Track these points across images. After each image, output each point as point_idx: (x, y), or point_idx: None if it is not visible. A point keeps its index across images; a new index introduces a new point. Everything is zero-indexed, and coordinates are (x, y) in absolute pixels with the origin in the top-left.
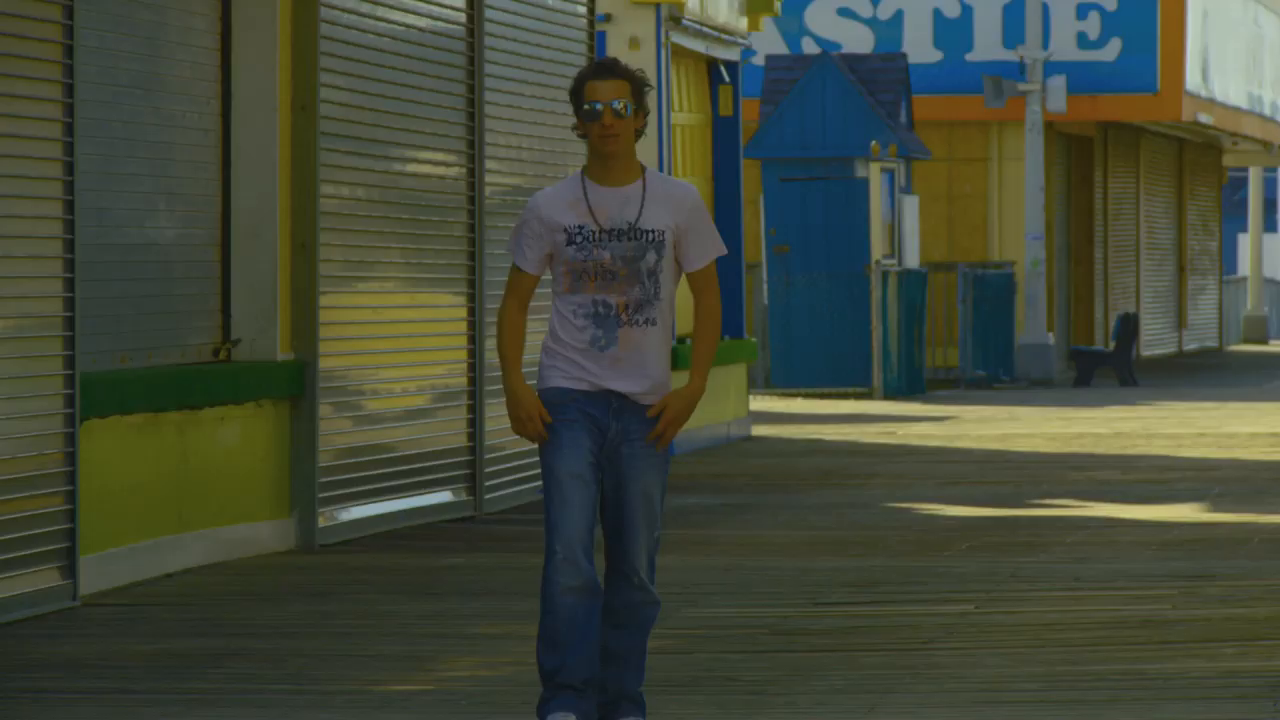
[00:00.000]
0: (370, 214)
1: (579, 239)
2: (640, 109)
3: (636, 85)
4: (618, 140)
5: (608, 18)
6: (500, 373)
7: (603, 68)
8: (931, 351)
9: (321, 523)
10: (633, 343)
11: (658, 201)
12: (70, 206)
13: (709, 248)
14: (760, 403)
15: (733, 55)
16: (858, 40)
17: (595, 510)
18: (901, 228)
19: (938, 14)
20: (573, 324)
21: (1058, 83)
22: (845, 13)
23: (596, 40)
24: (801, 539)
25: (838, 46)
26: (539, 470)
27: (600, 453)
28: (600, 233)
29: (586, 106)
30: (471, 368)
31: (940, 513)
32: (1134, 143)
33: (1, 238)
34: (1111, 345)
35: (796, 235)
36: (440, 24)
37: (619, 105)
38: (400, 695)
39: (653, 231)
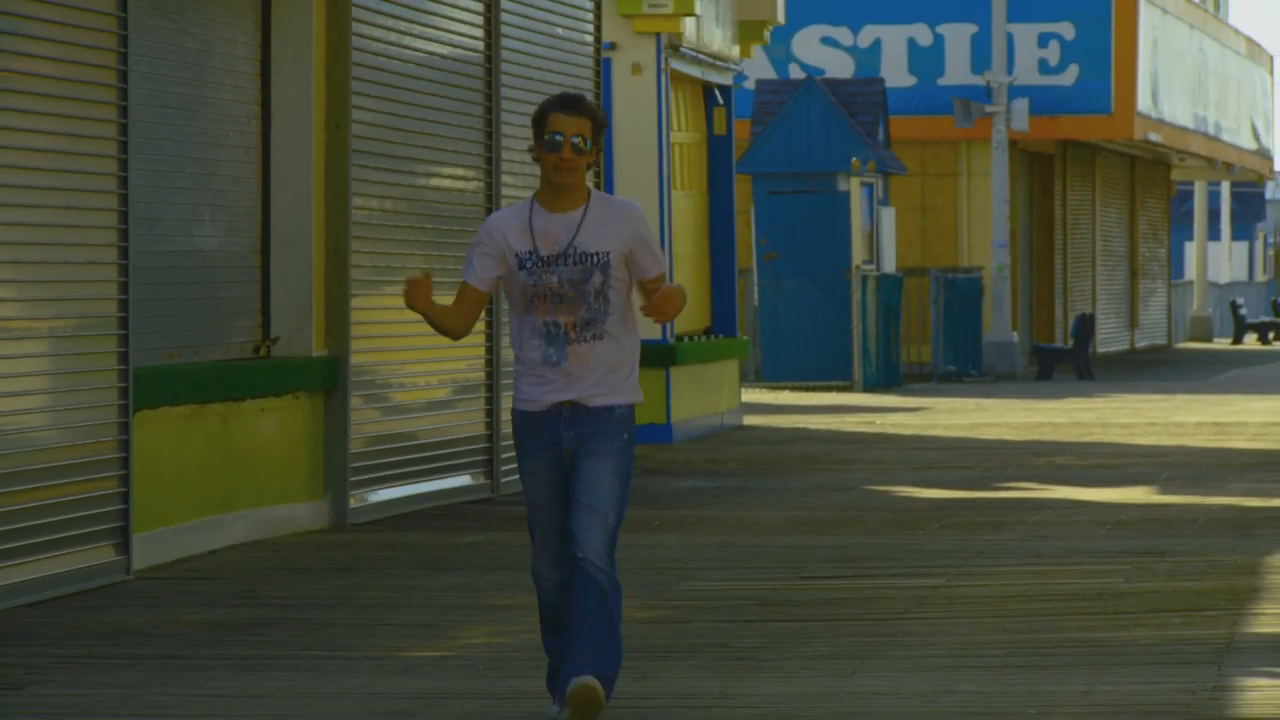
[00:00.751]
0: (397, 224)
1: (529, 264)
2: (596, 145)
3: (597, 124)
4: (573, 173)
5: (613, 46)
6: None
7: (569, 102)
8: (907, 348)
9: (352, 504)
10: (582, 357)
11: (597, 225)
12: (124, 217)
13: (652, 263)
14: (751, 395)
15: (726, 80)
16: (839, 66)
17: (561, 523)
18: (879, 236)
19: (912, 43)
20: (529, 343)
21: (1021, 105)
22: (828, 41)
23: (602, 66)
24: (788, 518)
25: (821, 72)
26: None
27: (560, 463)
28: (546, 258)
29: (548, 136)
30: (489, 362)
31: (914, 495)
32: (1090, 159)
33: (62, 245)
34: (1070, 343)
35: (784, 243)
36: (461, 51)
37: (579, 141)
38: (423, 660)
39: (596, 254)
